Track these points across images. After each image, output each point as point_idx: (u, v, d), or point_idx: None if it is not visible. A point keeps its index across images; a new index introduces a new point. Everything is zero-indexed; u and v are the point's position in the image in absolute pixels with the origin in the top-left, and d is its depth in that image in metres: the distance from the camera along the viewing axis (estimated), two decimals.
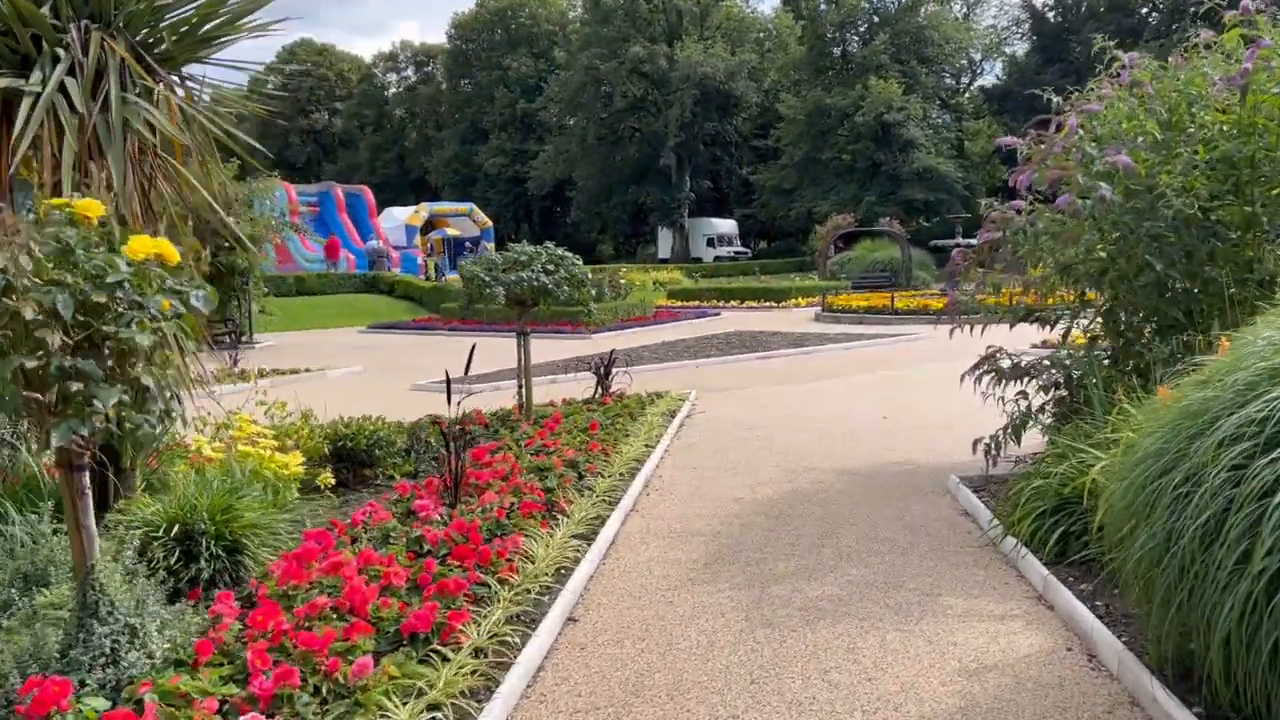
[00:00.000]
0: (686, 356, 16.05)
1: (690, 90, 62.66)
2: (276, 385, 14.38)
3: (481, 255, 9.16)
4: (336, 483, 7.19)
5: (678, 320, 24.50)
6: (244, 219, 20.04)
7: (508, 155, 77.62)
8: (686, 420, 10.33)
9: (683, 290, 33.77)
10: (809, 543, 6.03)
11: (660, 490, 7.44)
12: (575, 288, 9.09)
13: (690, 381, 13.35)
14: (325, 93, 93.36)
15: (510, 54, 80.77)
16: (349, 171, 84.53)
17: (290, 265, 44.59)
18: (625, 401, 10.19)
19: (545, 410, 9.68)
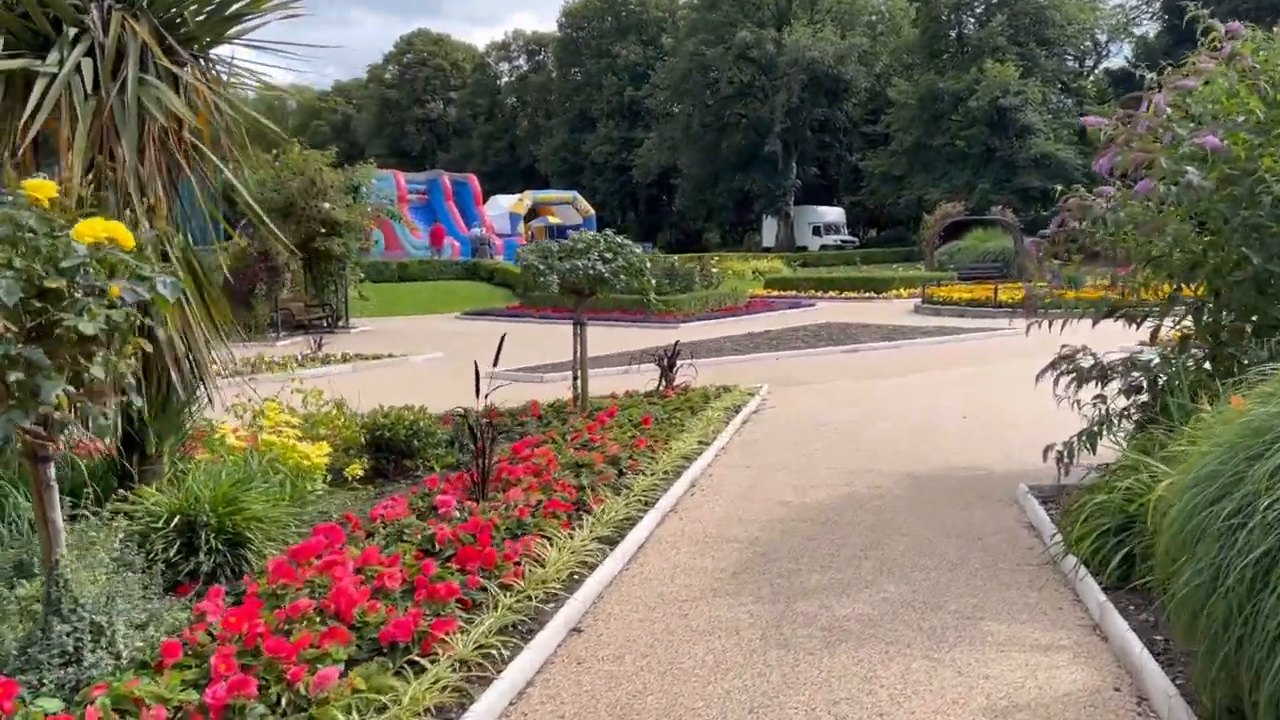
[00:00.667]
0: (768, 348, 15.58)
1: (798, 75, 61.55)
2: (359, 370, 14.52)
3: (539, 242, 8.90)
4: (376, 473, 7.08)
5: (770, 311, 23.96)
6: (340, 205, 20.39)
7: (614, 143, 77.71)
8: (753, 416, 9.92)
9: (780, 280, 33.12)
10: (850, 553, 5.60)
11: (706, 491, 7.09)
12: (633, 276, 8.78)
13: (767, 375, 12.90)
14: (440, 82, 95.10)
15: (619, 41, 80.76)
16: (462, 160, 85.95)
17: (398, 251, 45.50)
18: (689, 395, 9.85)
19: (603, 402, 9.42)
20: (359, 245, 22.10)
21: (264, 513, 4.99)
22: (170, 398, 5.75)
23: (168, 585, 4.59)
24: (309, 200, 19.76)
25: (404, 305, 28.39)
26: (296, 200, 19.73)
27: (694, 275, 24.05)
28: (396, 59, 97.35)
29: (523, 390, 11.71)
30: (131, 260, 3.60)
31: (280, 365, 13.66)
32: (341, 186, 20.63)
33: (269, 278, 19.18)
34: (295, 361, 14.37)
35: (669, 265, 23.98)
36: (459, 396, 11.19)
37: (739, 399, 10.24)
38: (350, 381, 13.40)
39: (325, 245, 20.74)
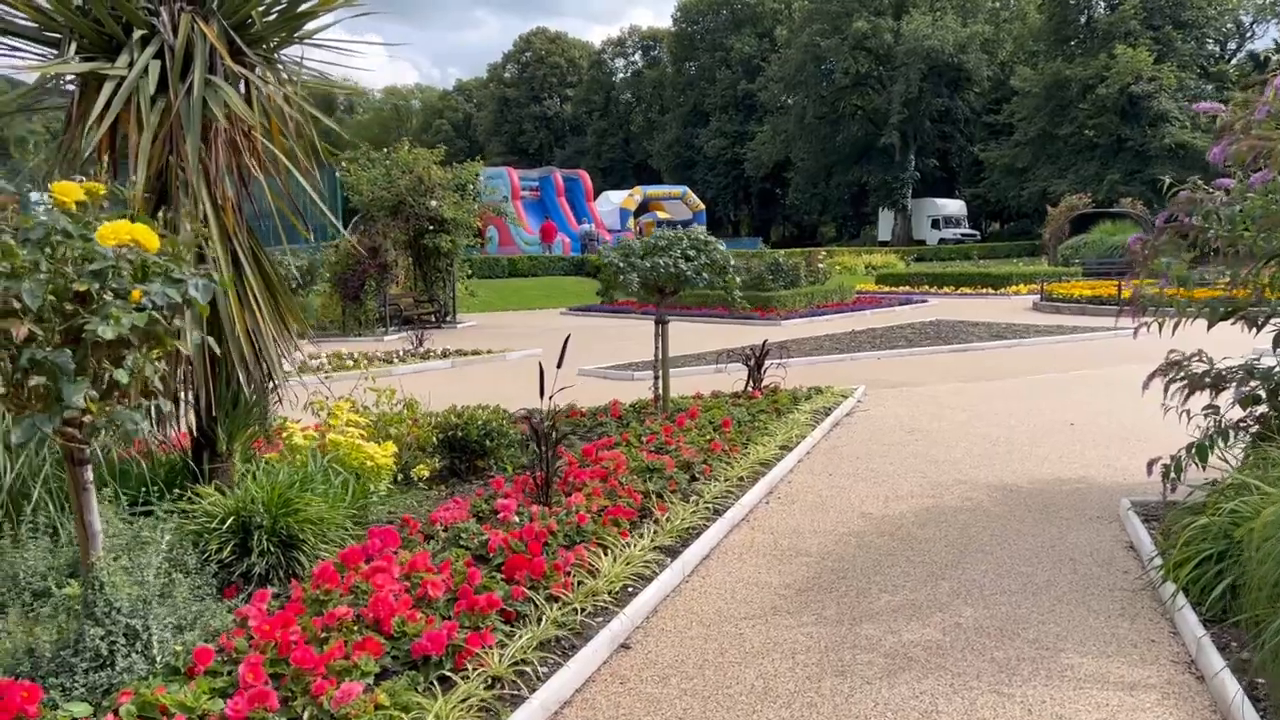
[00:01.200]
0: (870, 347, 15.08)
1: (916, 65, 60.00)
2: (457, 366, 14.66)
3: (622, 240, 8.74)
4: (450, 473, 7.04)
5: (878, 307, 23.29)
6: (447, 203, 20.68)
7: (727, 137, 77.23)
8: (844, 420, 9.56)
9: (893, 275, 32.23)
10: (927, 572, 5.26)
11: (783, 499, 6.81)
12: (717, 275, 8.54)
13: (866, 375, 12.47)
14: (557, 80, 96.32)
15: (733, 34, 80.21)
16: (576, 156, 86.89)
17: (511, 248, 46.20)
18: (777, 397, 9.54)
19: (686, 403, 9.20)
20: (467, 242, 22.37)
21: (320, 514, 4.96)
22: (240, 397, 5.80)
23: (220, 586, 4.61)
24: (417, 198, 20.09)
25: (512, 300, 28.71)
26: (405, 198, 20.09)
27: (799, 270, 23.56)
28: (515, 57, 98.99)
29: (613, 388, 11.59)
30: (164, 263, 3.57)
31: (354, 364, 13.84)
32: (449, 184, 20.90)
33: (378, 274, 19.58)
34: (397, 357, 14.59)
35: (773, 260, 23.55)
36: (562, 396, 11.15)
37: (830, 401, 9.88)
38: (446, 377, 13.54)
39: (433, 242, 21.07)
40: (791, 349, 14.98)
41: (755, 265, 23.68)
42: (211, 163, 5.32)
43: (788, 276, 23.22)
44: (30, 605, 4.23)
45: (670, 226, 50.58)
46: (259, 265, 5.76)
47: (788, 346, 15.30)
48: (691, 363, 13.61)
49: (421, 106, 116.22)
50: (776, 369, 10.36)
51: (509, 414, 7.64)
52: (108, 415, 3.39)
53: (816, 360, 13.88)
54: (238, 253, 5.56)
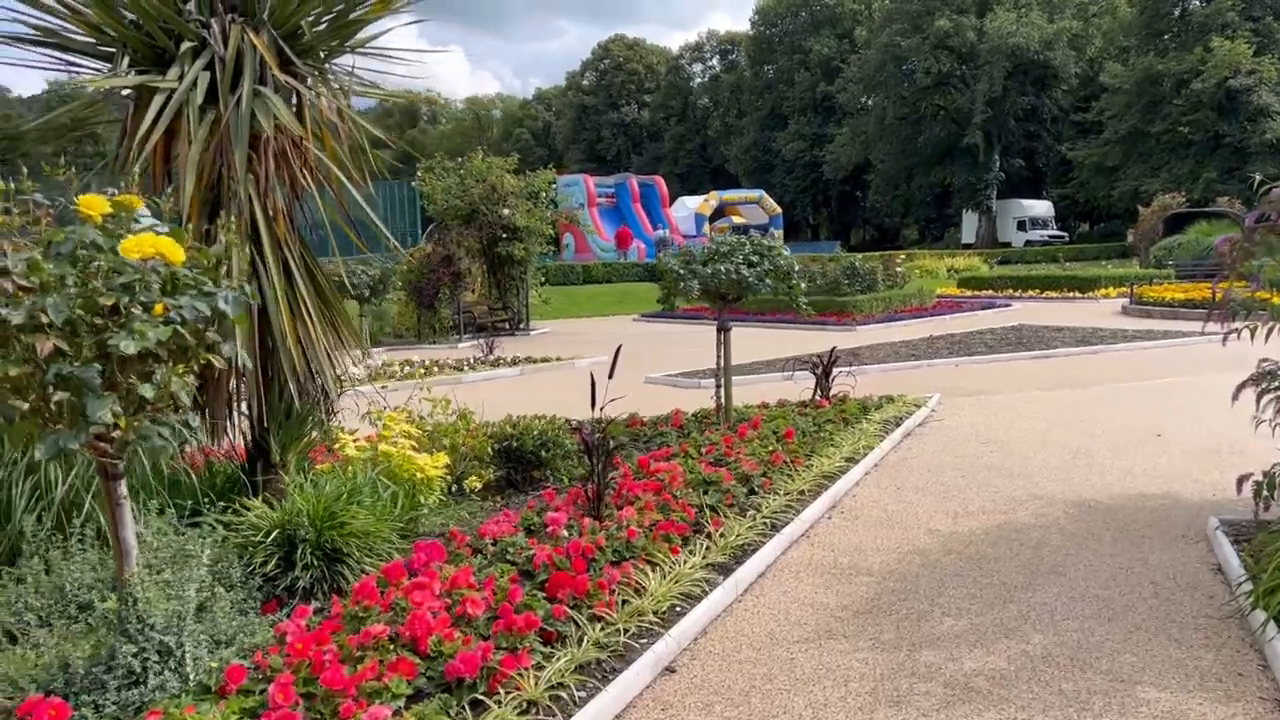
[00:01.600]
0: (948, 353, 14.64)
1: (1000, 63, 58.61)
2: (525, 373, 14.66)
3: (682, 247, 8.59)
4: (507, 483, 6.96)
5: (959, 312, 22.69)
6: (520, 211, 20.78)
7: (806, 140, 76.51)
8: (915, 430, 9.24)
9: (975, 278, 31.43)
10: (995, 594, 4.98)
11: (846, 514, 6.56)
12: (780, 281, 8.32)
13: (942, 383, 12.08)
14: (635, 86, 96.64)
15: (812, 36, 79.50)
16: (654, 163, 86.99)
17: (587, 255, 46.38)
18: (845, 406, 9.27)
19: (750, 412, 8.99)
20: (540, 249, 22.45)
21: (366, 527, 4.90)
22: (293, 408, 5.80)
23: (265, 599, 4.58)
24: (490, 206, 20.22)
25: (586, 307, 28.75)
26: (478, 206, 20.24)
27: (876, 274, 23.08)
28: (593, 65, 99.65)
29: (679, 396, 11.43)
30: (194, 275, 3.53)
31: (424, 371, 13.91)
32: (521, 192, 21.00)
33: (452, 282, 19.76)
34: (467, 364, 14.65)
35: (848, 264, 23.12)
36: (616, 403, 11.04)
37: (902, 411, 9.57)
38: (514, 385, 13.54)
39: (507, 250, 21.20)
40: (865, 356, 14.63)
41: (830, 269, 23.29)
42: (262, 173, 5.33)
43: (864, 281, 22.77)
44: (75, 618, 4.25)
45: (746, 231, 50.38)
46: (311, 276, 5.75)
47: (861, 353, 14.95)
48: (760, 370, 13.36)
49: (502, 116, 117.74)
50: (846, 377, 10.07)
51: (567, 423, 7.52)
52: (137, 430, 3.36)
53: (890, 368, 13.52)
54: (289, 262, 5.55)
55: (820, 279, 23.13)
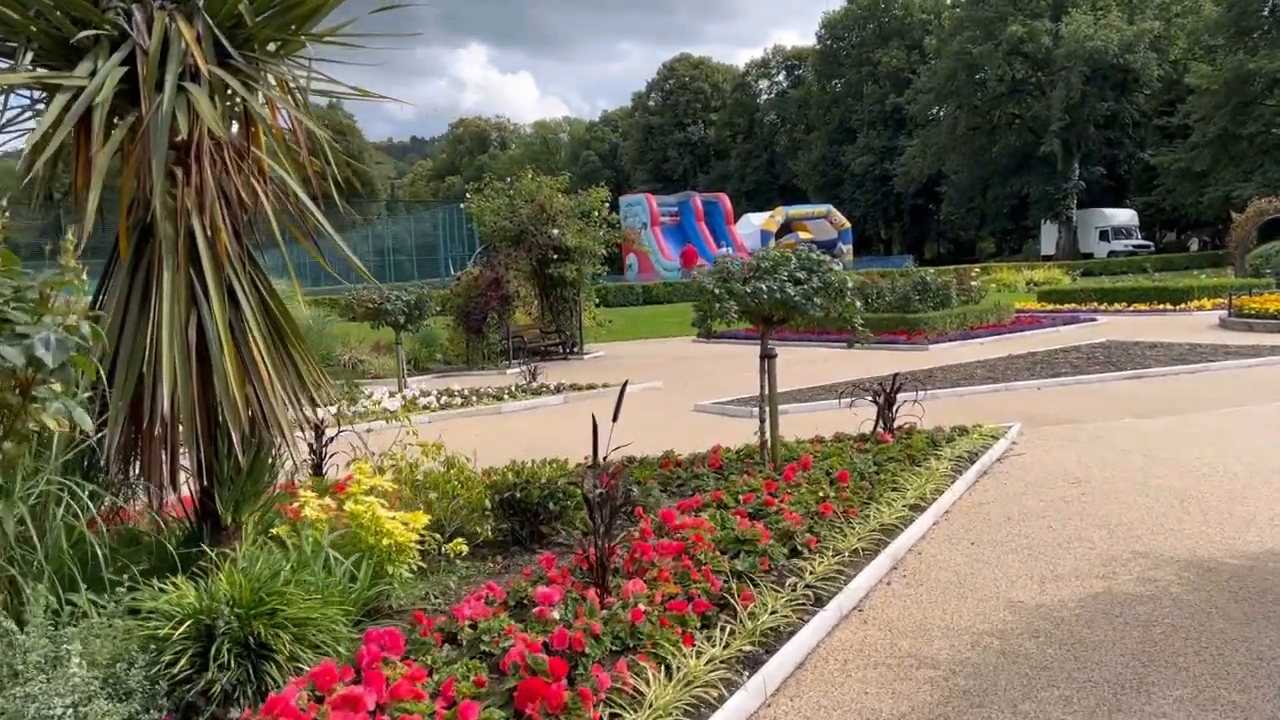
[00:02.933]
0: (1028, 375, 13.34)
1: (1078, 68, 56.46)
2: (569, 401, 13.78)
3: (720, 261, 7.58)
4: (513, 540, 6.04)
5: (1039, 328, 21.22)
6: (570, 231, 20.00)
7: (875, 153, 74.89)
8: (993, 468, 8.08)
9: (1057, 292, 29.75)
10: (1097, 699, 3.88)
11: (909, 578, 5.48)
12: (832, 299, 7.27)
13: (1022, 409, 10.86)
14: (701, 105, 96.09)
15: (880, 48, 77.98)
16: (720, 181, 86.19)
17: (651, 275, 45.56)
18: (911, 440, 8.16)
19: (799, 449, 7.95)
20: (594, 270, 21.64)
21: (305, 613, 4.01)
22: (257, 460, 4.96)
23: (176, 708, 3.71)
24: (539, 227, 19.47)
25: (644, 329, 27.85)
26: (527, 227, 19.50)
27: (950, 289, 21.74)
28: (659, 85, 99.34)
29: (727, 427, 10.42)
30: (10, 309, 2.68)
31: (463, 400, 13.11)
32: (571, 211, 20.21)
33: (500, 306, 19.01)
34: (508, 393, 13.82)
35: (919, 278, 21.82)
36: (657, 436, 10.09)
37: (977, 445, 8.42)
38: (553, 415, 12.67)
39: (558, 271, 20.42)
40: (937, 378, 13.43)
41: (900, 284, 22.03)
42: (197, 184, 4.51)
43: (936, 296, 21.45)
44: None
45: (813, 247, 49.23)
46: (264, 305, 4.91)
47: (933, 375, 13.75)
48: (820, 396, 12.26)
49: (570, 139, 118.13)
50: (914, 404, 8.93)
51: (581, 467, 6.58)
52: None
53: (965, 391, 12.31)
54: (236, 289, 4.72)
55: (889, 295, 21.89)
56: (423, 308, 13.57)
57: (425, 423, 12.27)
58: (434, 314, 14.21)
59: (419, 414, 12.48)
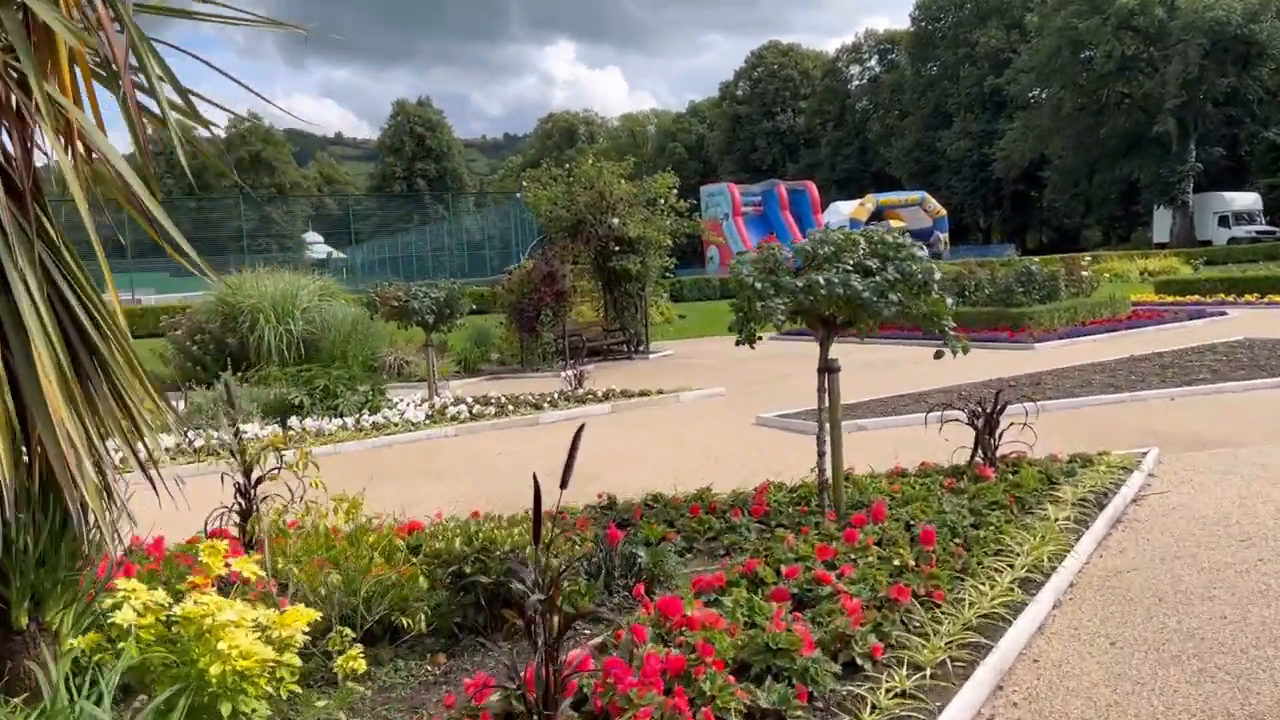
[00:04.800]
0: (1157, 382, 11.21)
1: (1196, 41, 52.49)
2: (618, 410, 12.20)
3: (766, 248, 5.83)
4: (464, 627, 4.45)
5: (1161, 323, 18.81)
6: (633, 220, 18.44)
7: (973, 138, 71.48)
8: (1127, 512, 6.20)
9: (1177, 282, 27.00)
10: None
11: (1019, 703, 3.72)
12: (913, 295, 5.51)
13: (1155, 426, 8.87)
14: (790, 93, 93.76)
15: (978, 28, 74.47)
16: (809, 170, 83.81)
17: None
18: (1019, 476, 6.34)
19: (872, 487, 6.19)
20: (661, 263, 20.01)
21: None
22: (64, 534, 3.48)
23: None
24: (598, 215, 17.91)
25: (718, 325, 25.93)
26: (585, 216, 17.95)
27: (1058, 280, 19.48)
28: (747, 74, 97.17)
29: (791, 445, 8.70)
30: None
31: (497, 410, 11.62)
32: (634, 199, 18.60)
33: (555, 301, 17.51)
34: (548, 401, 12.29)
35: (1023, 269, 19.58)
36: (701, 459, 8.43)
37: (1105, 480, 6.53)
38: (597, 427, 11.07)
39: (620, 264, 18.85)
40: (1046, 385, 11.43)
41: (1001, 275, 19.84)
42: None
43: (1043, 288, 19.22)
44: None
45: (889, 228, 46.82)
46: (69, 314, 3.41)
47: (1042, 382, 11.75)
48: (905, 407, 10.42)
49: (657, 131, 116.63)
50: (1022, 426, 7.03)
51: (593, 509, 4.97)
52: None
53: (1081, 402, 10.30)
54: (20, 293, 3.23)
55: (989, 287, 19.75)
56: (453, 306, 12.13)
57: (449, 436, 10.85)
58: (468, 312, 12.73)
59: (445, 425, 11.04)
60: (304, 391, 11.26)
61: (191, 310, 17.50)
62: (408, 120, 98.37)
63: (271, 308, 16.55)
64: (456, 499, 7.60)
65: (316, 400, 11.21)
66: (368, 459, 9.77)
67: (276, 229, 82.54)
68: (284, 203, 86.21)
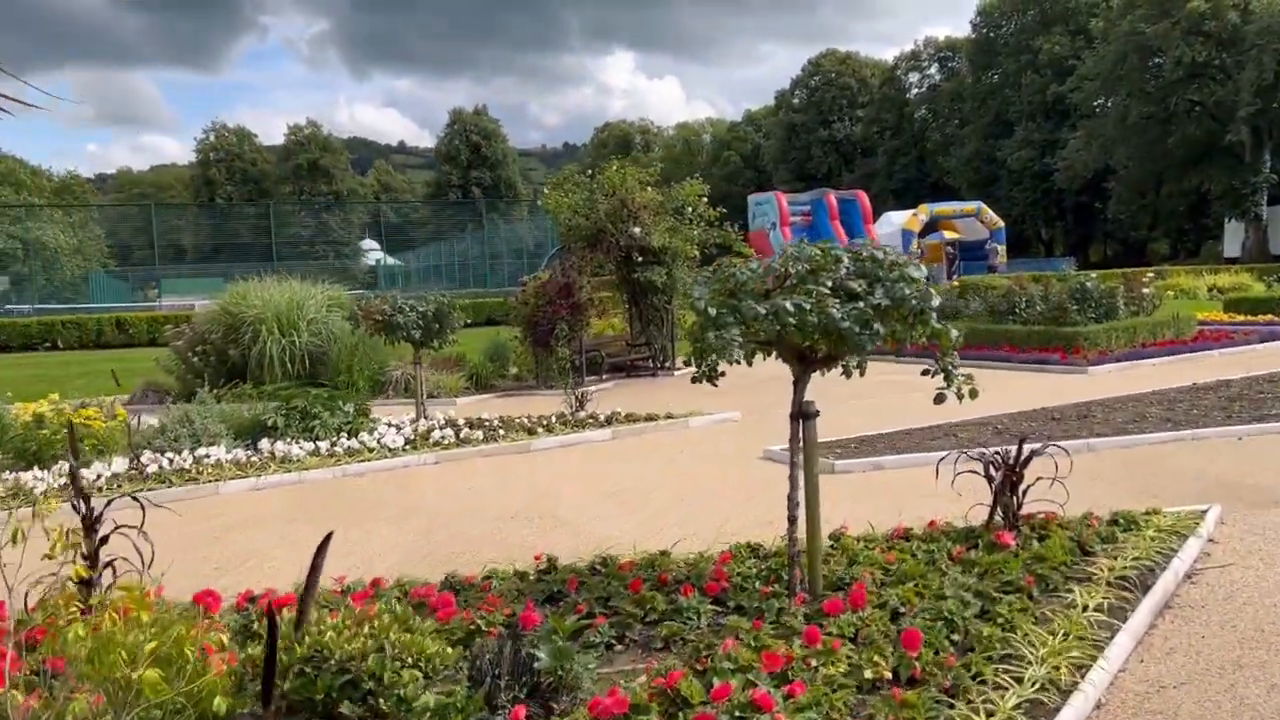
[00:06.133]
0: (1221, 417, 9.88)
1: (1272, 46, 50.03)
2: (619, 436, 11.20)
3: (726, 266, 4.76)
4: None
5: (1230, 345, 17.29)
6: (658, 230, 17.44)
7: (1035, 147, 69.21)
8: (1178, 595, 5.03)
9: (1248, 300, 25.23)
10: None
11: None
12: (906, 324, 4.43)
13: (1220, 472, 7.64)
14: (847, 101, 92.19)
15: (1041, 35, 72.22)
16: (865, 180, 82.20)
17: None
18: (1044, 545, 5.21)
19: (865, 554, 5.11)
20: (688, 275, 18.94)
21: None
22: None
23: None
24: (618, 224, 16.93)
25: None
26: (605, 225, 16.98)
27: (1116, 297, 18.04)
28: (804, 82, 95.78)
29: None
30: None
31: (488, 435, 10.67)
32: (660, 208, 17.58)
33: (571, 315, 16.55)
34: (543, 425, 11.31)
35: (1077, 284, 18.19)
36: (691, 501, 7.40)
37: (1151, 550, 5.35)
38: (593, 458, 10.11)
39: (646, 276, 17.84)
40: (1095, 417, 10.19)
41: (1055, 291, 18.46)
42: None
43: (1100, 305, 17.81)
44: None
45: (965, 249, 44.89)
46: None
47: (1090, 413, 10.50)
48: (924, 442, 9.27)
49: (712, 140, 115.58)
50: (1051, 484, 5.87)
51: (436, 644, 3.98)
52: None
53: (1134, 441, 9.04)
54: None
55: (1041, 304, 18.37)
56: (443, 321, 11.22)
57: (428, 464, 9.94)
58: (461, 325, 11.81)
59: (426, 452, 10.13)
60: (279, 412, 10.43)
61: (194, 319, 16.89)
62: (464, 128, 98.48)
63: (275, 319, 15.86)
64: (395, 548, 6.67)
65: (292, 421, 10.37)
66: (332, 490, 8.90)
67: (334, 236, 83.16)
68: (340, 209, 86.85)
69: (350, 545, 6.73)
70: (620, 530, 6.78)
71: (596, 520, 7.14)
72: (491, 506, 7.74)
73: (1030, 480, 5.68)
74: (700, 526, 6.65)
